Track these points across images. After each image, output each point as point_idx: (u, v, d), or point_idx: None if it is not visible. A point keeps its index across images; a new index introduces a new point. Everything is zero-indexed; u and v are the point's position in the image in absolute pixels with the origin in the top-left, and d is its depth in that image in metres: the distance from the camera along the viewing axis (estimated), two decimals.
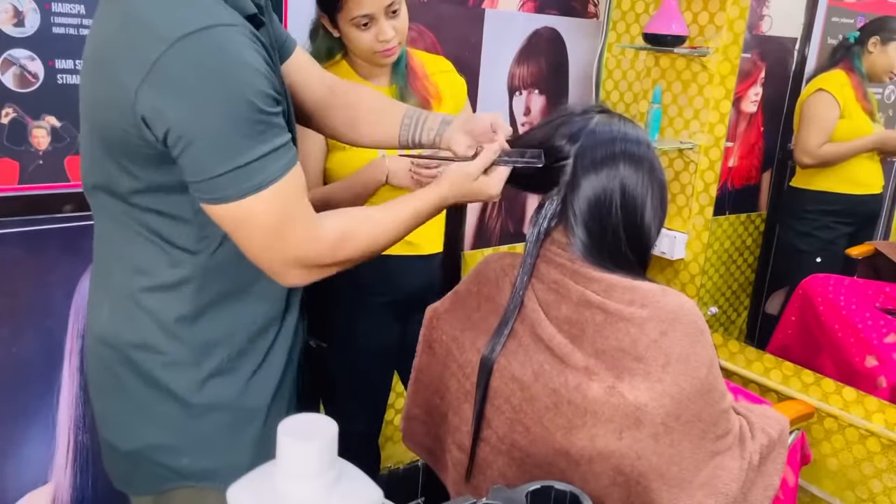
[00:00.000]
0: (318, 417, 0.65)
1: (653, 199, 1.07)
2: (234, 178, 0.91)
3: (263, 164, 0.92)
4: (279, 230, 0.97)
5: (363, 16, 1.48)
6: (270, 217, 0.95)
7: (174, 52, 0.87)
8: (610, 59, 2.36)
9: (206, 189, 0.93)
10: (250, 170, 0.92)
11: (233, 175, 0.91)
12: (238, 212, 0.94)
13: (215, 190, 0.92)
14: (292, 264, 1.00)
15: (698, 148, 2.17)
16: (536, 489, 0.84)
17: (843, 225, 2.39)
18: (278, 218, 0.96)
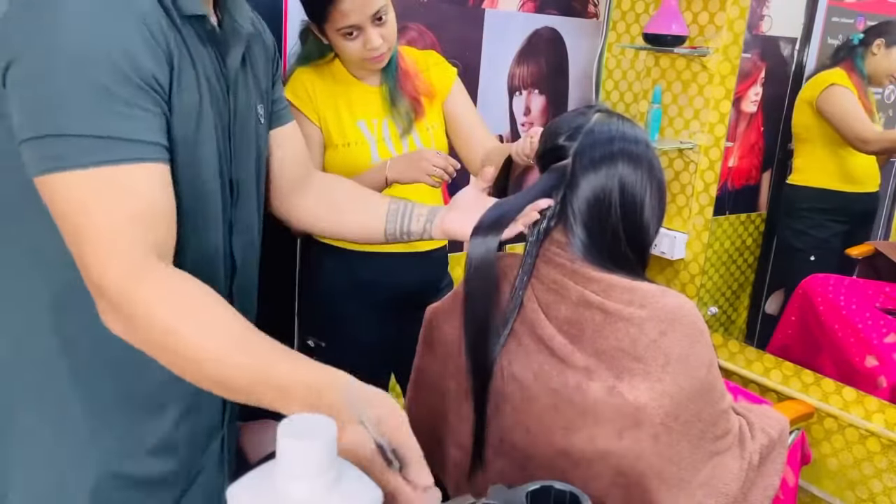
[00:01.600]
0: (318, 417, 0.65)
1: (651, 198, 1.07)
2: (90, 143, 0.76)
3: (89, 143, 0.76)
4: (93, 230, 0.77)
5: (349, 26, 1.48)
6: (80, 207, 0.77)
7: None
8: (610, 59, 2.36)
9: (48, 149, 0.76)
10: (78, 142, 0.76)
11: (90, 140, 0.76)
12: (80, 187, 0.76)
13: (62, 152, 0.76)
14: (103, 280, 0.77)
15: (698, 148, 2.17)
16: (536, 489, 0.84)
17: (837, 223, 2.38)
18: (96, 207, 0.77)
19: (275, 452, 0.64)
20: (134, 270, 0.77)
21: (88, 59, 0.77)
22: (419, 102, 1.64)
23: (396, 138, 1.62)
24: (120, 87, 0.77)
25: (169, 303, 0.76)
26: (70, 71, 0.76)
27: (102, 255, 0.77)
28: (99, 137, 0.77)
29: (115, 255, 0.77)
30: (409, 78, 1.64)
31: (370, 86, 1.62)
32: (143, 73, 0.79)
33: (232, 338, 0.77)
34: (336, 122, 1.60)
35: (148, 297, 0.76)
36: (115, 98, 0.77)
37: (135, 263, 0.77)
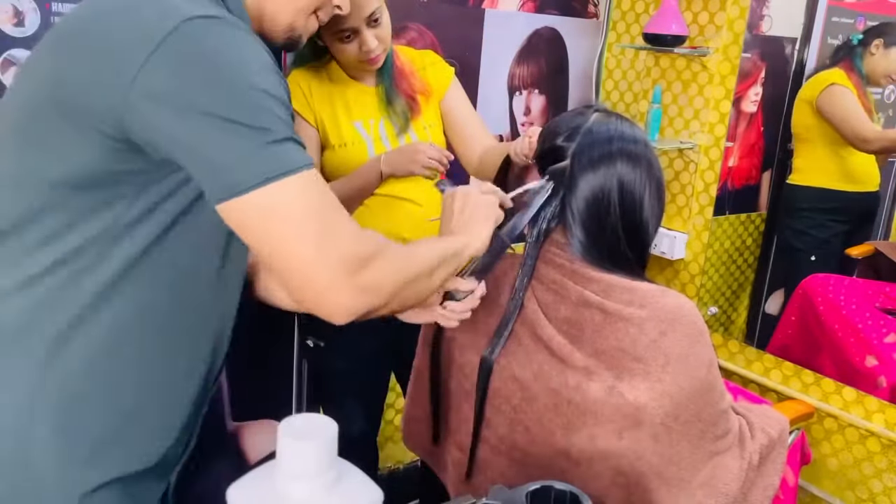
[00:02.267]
0: (318, 417, 0.65)
1: (651, 198, 1.07)
2: (263, 157, 0.78)
3: (288, 148, 0.80)
4: (324, 219, 0.81)
5: (345, 29, 1.48)
6: (309, 204, 0.80)
7: (192, 25, 0.78)
8: (610, 59, 2.36)
9: (226, 178, 0.78)
10: (280, 149, 0.79)
11: (263, 153, 0.78)
12: (271, 200, 0.78)
13: (239, 175, 0.77)
14: (347, 268, 0.81)
15: (698, 148, 2.17)
16: (536, 489, 0.84)
17: (838, 223, 2.38)
18: (319, 205, 0.81)
19: (275, 452, 0.64)
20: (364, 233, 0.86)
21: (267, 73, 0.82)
22: (415, 101, 1.64)
23: (393, 138, 1.62)
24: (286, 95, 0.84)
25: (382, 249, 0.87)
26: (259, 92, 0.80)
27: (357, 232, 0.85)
28: (297, 142, 0.82)
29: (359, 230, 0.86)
30: (405, 77, 1.64)
31: (366, 86, 1.62)
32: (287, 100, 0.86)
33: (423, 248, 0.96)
34: (333, 122, 1.60)
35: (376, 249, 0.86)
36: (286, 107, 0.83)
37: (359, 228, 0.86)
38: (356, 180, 1.59)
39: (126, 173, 0.83)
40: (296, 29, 0.99)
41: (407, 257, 0.91)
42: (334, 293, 0.82)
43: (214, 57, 0.79)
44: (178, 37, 0.78)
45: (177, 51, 0.77)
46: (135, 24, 0.79)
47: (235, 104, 0.78)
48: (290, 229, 0.79)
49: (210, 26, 0.80)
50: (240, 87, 0.79)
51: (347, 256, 0.81)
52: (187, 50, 0.78)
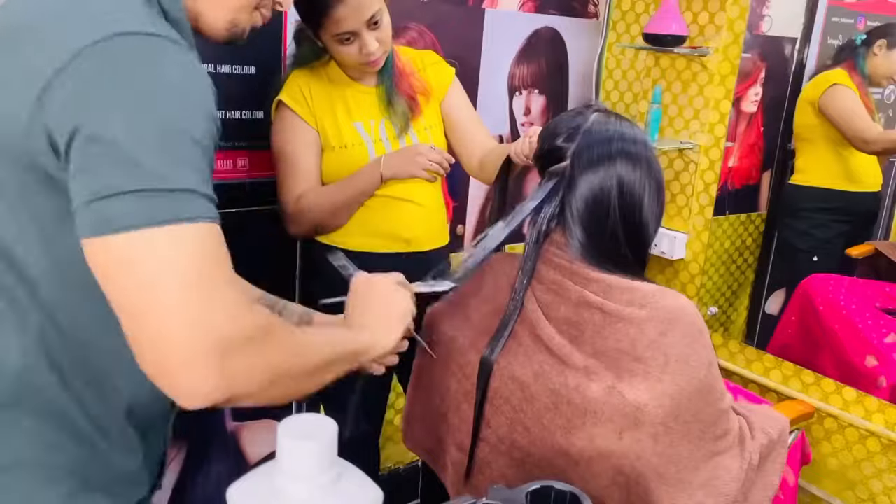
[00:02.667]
0: (318, 417, 0.65)
1: (650, 198, 1.07)
2: (148, 201, 0.68)
3: (187, 198, 0.70)
4: (203, 283, 0.69)
5: (345, 32, 1.48)
6: (189, 261, 0.69)
7: (116, 42, 0.71)
8: (610, 59, 2.36)
9: (105, 210, 0.68)
10: (176, 197, 0.69)
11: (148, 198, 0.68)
12: (139, 248, 0.68)
13: (121, 211, 0.68)
14: (215, 347, 0.69)
15: (698, 148, 2.17)
16: (536, 489, 0.84)
17: (840, 223, 2.38)
18: (202, 265, 0.70)
19: (275, 452, 0.64)
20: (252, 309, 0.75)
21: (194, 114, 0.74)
22: (416, 102, 1.64)
23: (394, 139, 1.62)
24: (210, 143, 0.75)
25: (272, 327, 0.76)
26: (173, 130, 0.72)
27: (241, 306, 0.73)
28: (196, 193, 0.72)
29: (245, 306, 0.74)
30: (406, 77, 1.64)
31: (366, 87, 1.62)
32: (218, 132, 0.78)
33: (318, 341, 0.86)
34: (333, 124, 1.60)
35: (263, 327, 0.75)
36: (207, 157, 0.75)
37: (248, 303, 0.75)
38: (356, 183, 1.59)
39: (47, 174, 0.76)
40: (237, 24, 0.93)
41: (294, 348, 0.79)
42: (191, 375, 0.69)
43: (142, 80, 0.71)
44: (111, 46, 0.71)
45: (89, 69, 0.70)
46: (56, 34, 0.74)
47: (143, 138, 0.70)
48: (156, 286, 0.68)
49: (148, 44, 0.73)
50: (158, 124, 0.71)
51: (219, 333, 0.69)
52: (115, 64, 0.71)
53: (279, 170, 1.61)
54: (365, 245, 1.64)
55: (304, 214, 1.59)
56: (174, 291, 0.68)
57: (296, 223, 1.62)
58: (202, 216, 0.71)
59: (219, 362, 0.69)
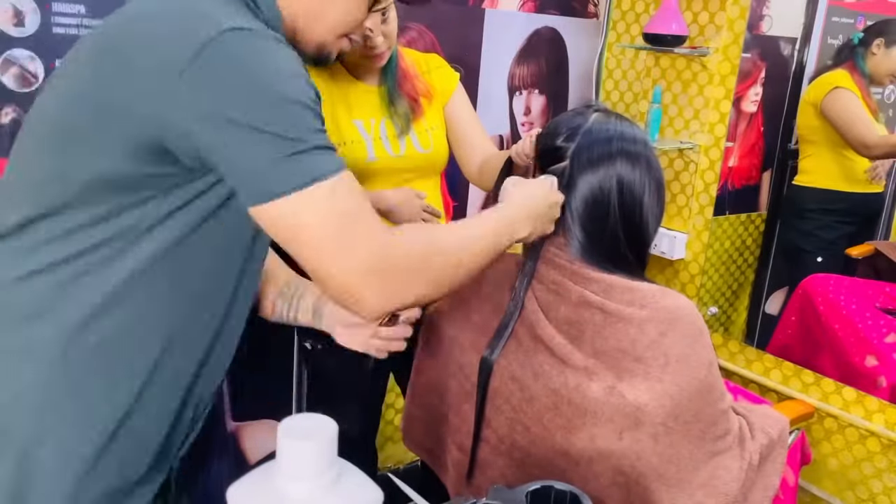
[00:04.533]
0: (318, 417, 0.65)
1: (650, 198, 1.07)
2: (291, 167, 0.81)
3: (318, 156, 0.83)
4: (344, 226, 0.83)
5: None
6: (333, 211, 0.83)
7: (228, 36, 0.81)
8: (610, 59, 2.36)
9: (258, 184, 0.82)
10: (307, 159, 0.82)
11: (291, 162, 0.81)
12: (297, 208, 0.82)
13: (269, 183, 0.81)
14: (367, 271, 0.83)
15: (698, 148, 2.17)
16: (536, 489, 0.84)
17: (844, 224, 2.38)
18: (342, 211, 0.83)
19: (275, 452, 0.64)
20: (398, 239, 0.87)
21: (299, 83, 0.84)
22: (418, 103, 1.64)
23: (394, 138, 1.62)
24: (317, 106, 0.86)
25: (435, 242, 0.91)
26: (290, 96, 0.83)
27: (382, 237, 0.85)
28: (328, 148, 0.84)
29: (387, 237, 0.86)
30: (409, 79, 1.64)
31: (369, 86, 1.62)
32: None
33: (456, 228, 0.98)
34: (332, 121, 1.59)
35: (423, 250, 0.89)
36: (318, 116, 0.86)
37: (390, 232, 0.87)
38: None
39: (157, 176, 0.86)
40: (325, 48, 1.02)
41: (443, 249, 0.91)
42: (362, 299, 0.84)
43: (249, 68, 0.81)
44: (216, 47, 0.80)
45: (214, 61, 0.80)
46: (175, 33, 0.82)
47: (268, 115, 0.81)
48: (312, 237, 0.83)
49: (246, 38, 0.82)
50: (273, 98, 0.81)
51: (369, 267, 0.83)
52: (224, 61, 0.81)
53: None
54: None
55: None
56: (327, 240, 0.82)
57: None
58: (339, 167, 0.84)
59: (376, 284, 0.84)
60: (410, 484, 0.94)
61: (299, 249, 0.84)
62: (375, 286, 0.84)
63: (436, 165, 1.69)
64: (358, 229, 0.84)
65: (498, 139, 2.27)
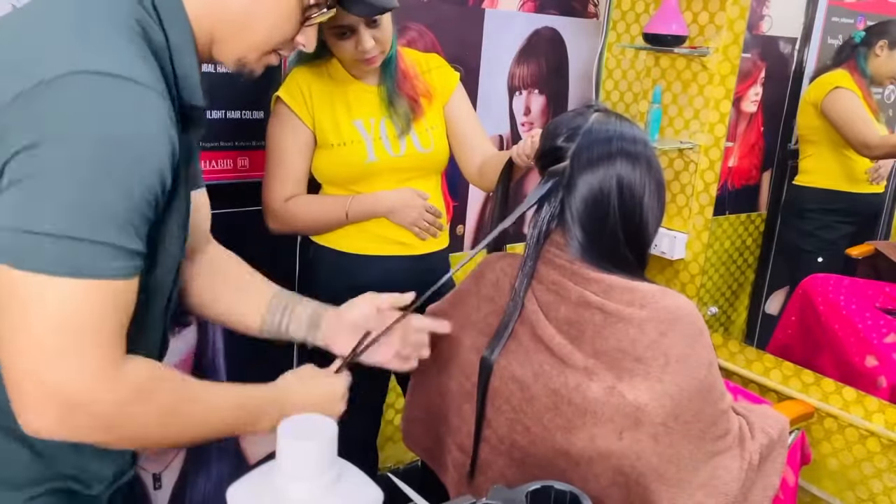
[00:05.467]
0: (318, 418, 0.65)
1: (650, 198, 1.07)
2: (62, 246, 0.70)
3: (103, 251, 0.72)
4: (78, 338, 0.72)
5: (341, 26, 1.48)
6: (73, 314, 0.71)
7: (78, 79, 0.71)
8: (610, 59, 2.36)
9: (17, 243, 0.70)
10: (86, 249, 0.71)
11: (63, 243, 0.70)
12: (33, 289, 0.70)
13: (23, 247, 0.70)
14: (56, 393, 0.72)
15: (698, 148, 2.17)
16: (536, 489, 0.84)
17: (845, 224, 2.38)
18: (85, 321, 0.72)
19: (275, 452, 0.64)
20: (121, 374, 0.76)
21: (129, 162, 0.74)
22: (418, 103, 1.64)
23: (394, 138, 1.62)
24: (147, 199, 0.75)
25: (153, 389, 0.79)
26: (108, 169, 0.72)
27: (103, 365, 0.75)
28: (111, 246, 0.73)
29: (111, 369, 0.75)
30: (409, 79, 1.64)
31: (368, 85, 1.62)
32: (164, 187, 0.78)
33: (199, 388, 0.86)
34: (332, 121, 1.60)
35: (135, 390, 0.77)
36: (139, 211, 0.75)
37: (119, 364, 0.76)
38: (325, 216, 1.64)
39: None
40: (246, 64, 0.92)
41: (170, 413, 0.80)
42: (36, 415, 0.74)
43: (74, 125, 0.71)
44: (51, 90, 0.71)
45: (38, 103, 0.71)
46: (24, 60, 0.74)
47: (72, 187, 0.70)
48: (34, 328, 0.71)
49: (90, 86, 0.72)
50: (87, 171, 0.71)
51: (68, 392, 0.72)
52: (52, 108, 0.71)
53: (269, 164, 1.62)
54: (360, 248, 1.64)
55: (287, 219, 1.61)
56: (46, 340, 0.71)
57: (277, 222, 1.64)
58: (107, 274, 0.73)
59: (58, 417, 0.73)
60: (410, 484, 0.93)
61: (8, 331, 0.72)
62: (54, 419, 0.73)
63: (436, 165, 1.70)
64: (90, 349, 0.73)
65: (498, 139, 2.27)
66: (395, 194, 1.62)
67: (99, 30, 0.77)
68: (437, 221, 1.65)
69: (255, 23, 0.88)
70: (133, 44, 0.78)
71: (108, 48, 0.76)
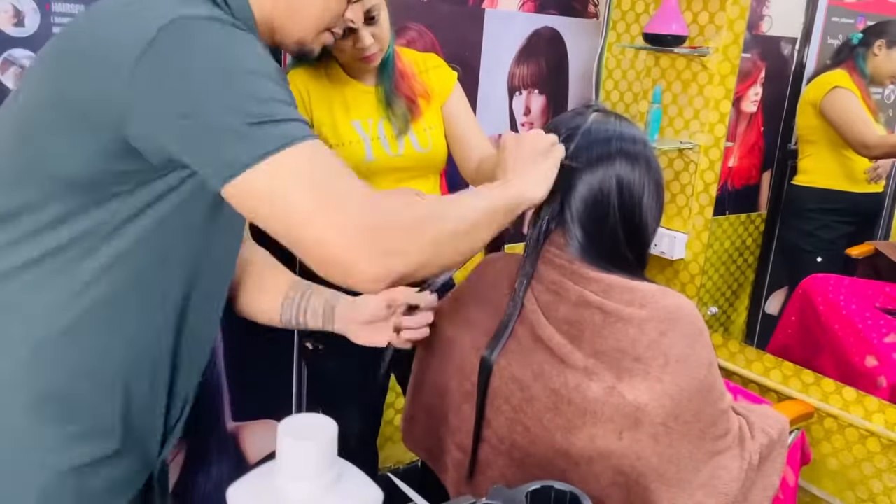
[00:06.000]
0: (318, 417, 0.65)
1: (650, 197, 1.07)
2: (259, 134, 0.76)
3: (285, 126, 0.78)
4: (328, 185, 0.78)
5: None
6: (312, 174, 0.77)
7: (176, 25, 0.78)
8: (610, 58, 2.36)
9: (226, 159, 0.77)
10: (275, 126, 0.77)
11: (258, 130, 0.76)
12: (272, 174, 0.76)
13: (237, 154, 0.76)
14: (358, 229, 0.77)
15: (698, 148, 2.17)
16: (536, 489, 0.84)
17: (844, 224, 2.38)
18: (323, 171, 0.78)
19: (275, 452, 0.64)
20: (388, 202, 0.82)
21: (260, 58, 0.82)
22: (415, 103, 1.64)
23: (392, 139, 1.62)
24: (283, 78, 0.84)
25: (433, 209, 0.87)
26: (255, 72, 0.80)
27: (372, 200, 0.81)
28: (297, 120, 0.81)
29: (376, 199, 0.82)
30: (406, 79, 1.64)
31: (366, 86, 1.63)
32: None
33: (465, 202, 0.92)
34: (330, 122, 1.60)
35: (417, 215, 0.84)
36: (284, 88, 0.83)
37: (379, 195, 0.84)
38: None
39: (123, 174, 0.84)
40: (306, 44, 1.01)
41: (439, 215, 0.86)
42: (354, 262, 0.78)
43: (207, 47, 0.79)
44: (163, 39, 0.77)
45: (161, 54, 0.77)
46: (130, 25, 0.80)
47: (230, 90, 0.78)
48: (295, 203, 0.77)
49: (195, 23, 0.80)
50: (229, 72, 0.78)
51: (360, 223, 0.77)
52: (171, 51, 0.78)
53: None
54: None
55: None
56: (311, 201, 0.77)
57: None
58: (311, 135, 0.79)
59: (371, 246, 0.78)
60: (410, 484, 0.93)
61: (279, 220, 0.78)
62: (368, 249, 0.77)
63: (435, 164, 1.70)
64: (343, 187, 0.78)
65: (498, 139, 2.27)
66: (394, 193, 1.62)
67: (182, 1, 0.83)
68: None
69: (308, 5, 0.97)
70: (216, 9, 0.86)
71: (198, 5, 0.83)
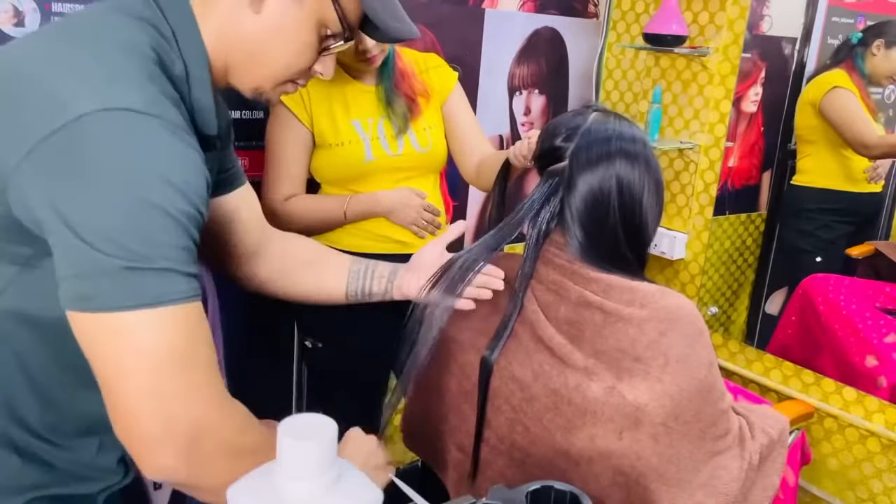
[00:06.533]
0: (318, 417, 0.65)
1: (649, 197, 1.07)
2: (125, 280, 0.69)
3: (165, 278, 0.71)
4: (176, 368, 0.71)
5: None
6: (167, 346, 0.71)
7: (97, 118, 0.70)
8: (610, 58, 2.36)
9: (79, 293, 0.70)
10: (149, 278, 0.70)
11: (126, 275, 0.69)
12: (119, 328, 0.70)
13: (95, 295, 0.69)
14: (183, 434, 0.72)
15: (698, 148, 2.17)
16: (536, 489, 0.84)
17: (844, 224, 2.39)
18: (178, 350, 0.71)
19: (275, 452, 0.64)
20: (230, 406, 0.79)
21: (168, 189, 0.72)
22: (415, 103, 1.64)
23: (392, 138, 1.63)
24: (189, 220, 0.74)
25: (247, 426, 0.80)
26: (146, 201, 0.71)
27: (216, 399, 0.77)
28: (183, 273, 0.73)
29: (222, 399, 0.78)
30: (406, 78, 1.64)
31: (366, 85, 1.63)
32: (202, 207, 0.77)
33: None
34: (330, 122, 1.60)
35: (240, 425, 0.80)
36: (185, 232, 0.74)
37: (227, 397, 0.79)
38: (323, 214, 1.64)
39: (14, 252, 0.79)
40: (263, 92, 0.91)
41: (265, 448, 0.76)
42: (157, 454, 0.72)
43: (118, 157, 0.70)
44: (76, 130, 0.70)
45: (81, 140, 0.70)
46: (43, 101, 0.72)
47: (121, 219, 0.70)
48: (133, 368, 0.71)
49: (128, 121, 0.71)
50: (135, 199, 0.70)
51: (188, 421, 0.72)
52: (92, 142, 0.70)
53: (268, 164, 1.63)
54: (359, 246, 1.64)
55: (286, 218, 1.62)
56: (148, 377, 0.71)
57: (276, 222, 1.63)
58: (182, 297, 0.72)
59: (185, 448, 0.72)
60: (410, 484, 0.93)
61: (113, 375, 0.71)
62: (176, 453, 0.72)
63: (435, 164, 1.70)
64: (193, 378, 0.72)
65: (498, 139, 2.27)
66: (393, 194, 1.62)
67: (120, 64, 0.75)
68: (435, 220, 1.65)
69: (271, 53, 0.86)
70: (153, 83, 0.77)
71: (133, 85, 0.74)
